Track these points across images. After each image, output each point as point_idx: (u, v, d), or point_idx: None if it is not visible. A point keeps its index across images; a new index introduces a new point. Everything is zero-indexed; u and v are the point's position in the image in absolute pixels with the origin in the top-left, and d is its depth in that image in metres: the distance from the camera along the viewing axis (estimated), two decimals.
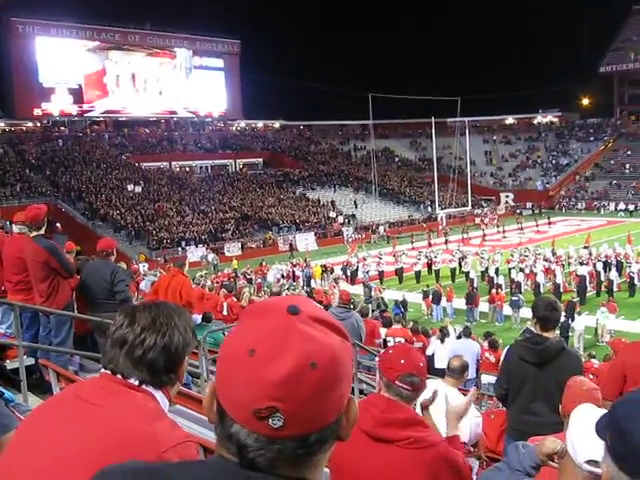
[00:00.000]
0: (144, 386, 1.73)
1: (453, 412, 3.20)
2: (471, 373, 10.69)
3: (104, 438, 1.55)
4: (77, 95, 66.79)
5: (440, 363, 12.15)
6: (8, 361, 6.40)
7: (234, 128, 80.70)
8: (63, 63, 64.04)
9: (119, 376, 1.75)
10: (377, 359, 3.18)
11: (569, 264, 31.62)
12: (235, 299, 17.35)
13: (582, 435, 2.08)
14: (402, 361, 2.91)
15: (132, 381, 1.72)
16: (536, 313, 4.84)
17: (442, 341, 14.01)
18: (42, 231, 7.05)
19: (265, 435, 0.98)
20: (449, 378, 5.22)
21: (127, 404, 1.65)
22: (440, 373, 8.64)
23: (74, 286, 7.75)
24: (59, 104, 65.56)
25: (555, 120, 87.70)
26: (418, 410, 3.17)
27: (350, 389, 1.08)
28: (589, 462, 2.00)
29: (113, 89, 69.32)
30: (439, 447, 2.77)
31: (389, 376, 2.90)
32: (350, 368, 1.07)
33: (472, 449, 4.76)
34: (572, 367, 4.54)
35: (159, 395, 1.76)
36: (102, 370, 1.81)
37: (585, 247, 34.82)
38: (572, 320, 21.19)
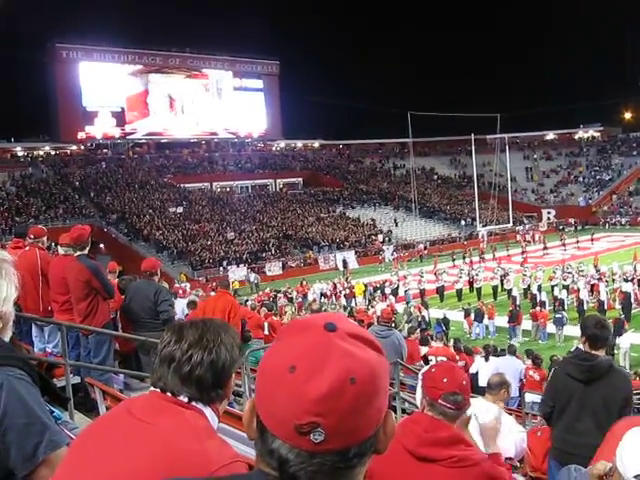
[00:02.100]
0: (193, 403, 1.74)
1: (487, 429, 3.17)
2: (514, 392, 10.56)
3: (156, 457, 1.56)
4: (119, 118, 67.82)
5: (484, 381, 12.01)
6: (55, 380, 6.49)
7: (274, 148, 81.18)
8: (106, 87, 65.16)
9: (169, 394, 1.75)
10: (420, 377, 3.17)
11: (613, 281, 31.08)
12: (275, 318, 17.38)
13: (633, 451, 2.09)
14: (445, 380, 2.89)
15: (181, 398, 1.73)
16: (585, 331, 4.78)
17: (486, 359, 13.88)
18: (86, 251, 7.18)
19: (306, 450, 0.99)
20: (488, 395, 5.17)
21: (178, 422, 1.66)
22: (483, 391, 8.56)
23: (117, 306, 7.86)
24: (102, 127, 66.64)
25: (597, 135, 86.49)
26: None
27: (387, 402, 1.10)
28: (637, 477, 2.01)
29: (155, 111, 70.26)
30: (483, 465, 2.74)
31: (432, 395, 2.88)
32: (386, 382, 1.09)
33: (518, 465, 4.71)
34: (620, 385, 4.48)
35: (208, 412, 1.76)
36: (152, 388, 1.81)
37: (631, 264, 34.25)
38: (619, 337, 20.84)
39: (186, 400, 1.74)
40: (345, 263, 48.70)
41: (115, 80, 66.13)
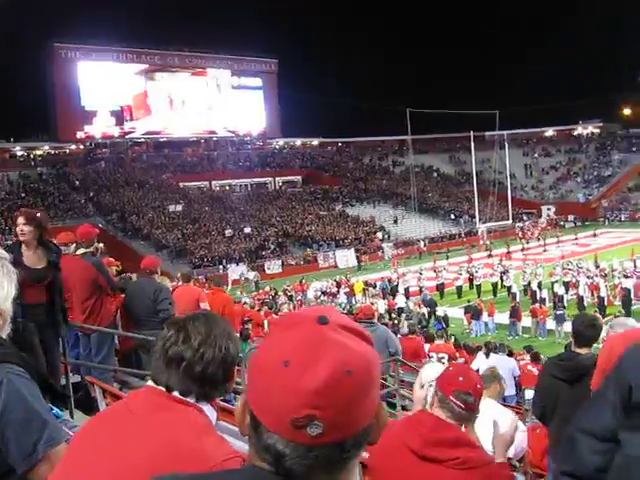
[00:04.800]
0: (192, 399, 1.75)
1: (502, 439, 3.17)
2: (509, 390, 10.56)
3: (155, 454, 1.57)
4: (119, 117, 67.75)
5: None
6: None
7: (273, 146, 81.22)
8: (104, 86, 64.96)
9: (164, 389, 1.75)
10: (420, 374, 3.19)
11: (613, 277, 31.08)
12: (275, 316, 17.40)
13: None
14: (460, 378, 2.93)
15: (178, 394, 1.73)
16: (572, 327, 4.81)
17: (487, 356, 13.87)
18: (91, 249, 7.19)
19: (303, 443, 0.99)
20: (485, 389, 5.17)
21: (177, 419, 1.67)
22: None
23: (118, 305, 7.85)
24: (101, 126, 66.53)
25: (596, 131, 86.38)
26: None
27: (379, 393, 1.11)
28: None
29: (154, 110, 70.21)
30: (488, 468, 2.74)
31: (445, 391, 2.90)
32: (379, 373, 1.10)
33: (518, 464, 4.71)
34: None
35: (207, 408, 1.77)
36: (149, 383, 1.81)
37: (630, 259, 34.28)
38: None
39: (194, 400, 1.75)
40: (359, 260, 49.37)
41: (114, 79, 65.84)
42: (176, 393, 1.74)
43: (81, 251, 7.10)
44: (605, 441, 1.76)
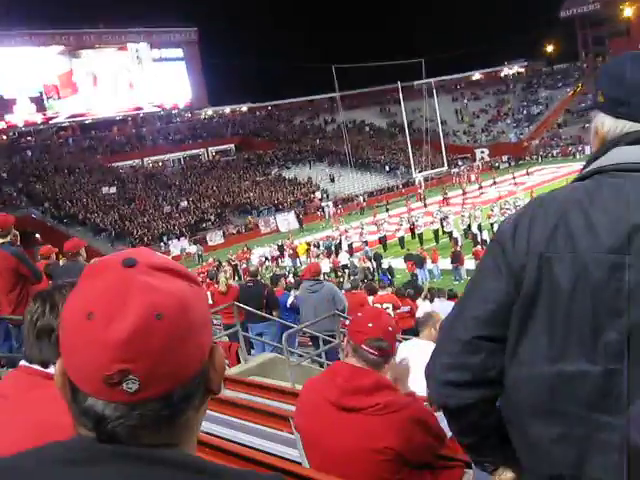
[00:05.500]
0: None
1: (399, 370, 3.08)
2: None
3: (21, 438, 1.45)
4: (39, 103, 65.94)
5: None
6: None
7: (202, 117, 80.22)
8: (22, 72, 62.79)
9: (39, 367, 1.69)
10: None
11: None
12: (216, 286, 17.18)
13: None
14: (370, 325, 2.81)
15: (51, 370, 1.63)
16: None
17: (431, 301, 13.91)
18: (8, 239, 6.89)
19: (123, 402, 0.89)
20: (421, 333, 5.10)
21: (47, 396, 1.50)
22: None
23: None
24: (23, 114, 64.75)
25: (522, 70, 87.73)
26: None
27: (211, 336, 0.99)
28: None
29: (80, 89, 68.48)
30: (409, 409, 2.67)
31: (356, 339, 2.80)
32: (204, 314, 0.98)
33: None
34: None
35: None
36: (22, 363, 1.74)
37: None
38: None
39: None
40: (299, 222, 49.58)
41: (31, 64, 63.65)
42: (52, 368, 1.60)
43: None
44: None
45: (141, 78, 72.33)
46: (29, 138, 65.85)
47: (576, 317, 1.38)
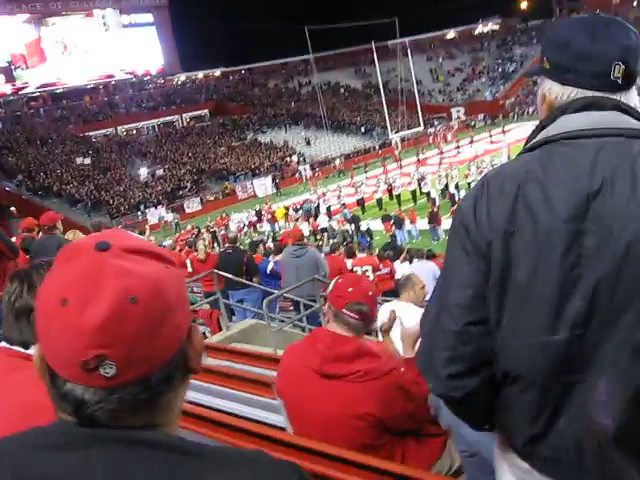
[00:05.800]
0: None
1: (408, 334, 3.07)
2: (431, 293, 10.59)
3: (7, 414, 1.50)
4: (8, 73, 64.52)
5: None
6: None
7: (175, 83, 79.29)
8: None
9: (20, 348, 1.70)
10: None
11: None
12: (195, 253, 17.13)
13: None
14: (350, 289, 2.85)
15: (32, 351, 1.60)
16: None
17: (410, 262, 13.94)
18: None
19: (101, 387, 0.90)
20: (401, 295, 5.12)
21: (27, 377, 1.52)
22: None
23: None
24: None
25: (496, 27, 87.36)
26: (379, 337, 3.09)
27: (188, 317, 1.00)
28: None
29: (49, 57, 67.12)
30: (390, 376, 2.69)
31: (337, 304, 2.84)
32: (180, 295, 0.98)
33: None
34: None
35: None
36: (2, 344, 1.74)
37: None
38: None
39: None
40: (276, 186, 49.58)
41: None
42: (33, 349, 1.58)
43: None
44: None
45: (111, 45, 70.92)
46: None
47: (541, 290, 1.39)
